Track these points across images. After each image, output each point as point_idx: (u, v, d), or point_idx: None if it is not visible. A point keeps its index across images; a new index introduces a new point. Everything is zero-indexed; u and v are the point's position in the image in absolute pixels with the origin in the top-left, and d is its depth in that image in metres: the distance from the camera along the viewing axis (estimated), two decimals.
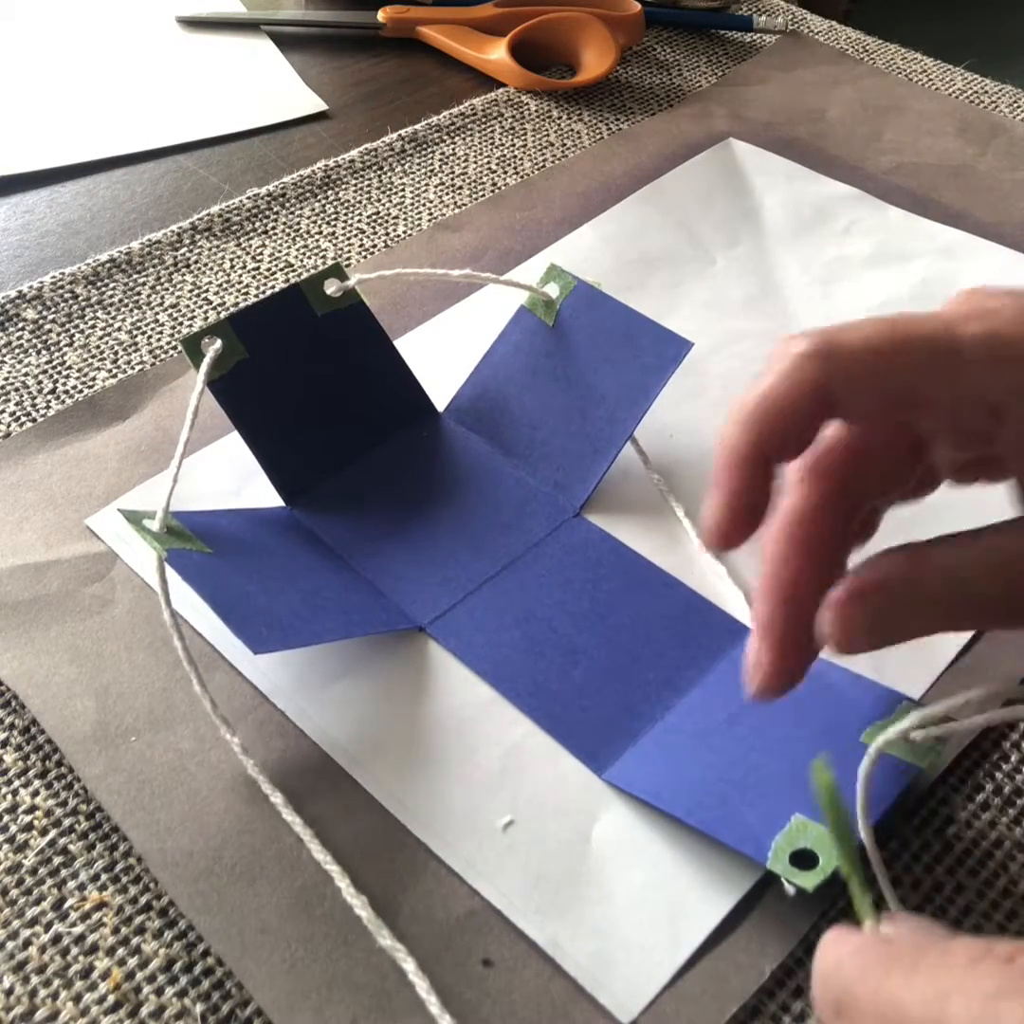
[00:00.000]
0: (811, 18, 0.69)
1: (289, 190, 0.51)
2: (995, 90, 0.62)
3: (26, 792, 0.30)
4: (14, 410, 0.40)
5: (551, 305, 0.39)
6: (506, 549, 0.35)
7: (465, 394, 0.40)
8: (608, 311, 0.38)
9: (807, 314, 0.45)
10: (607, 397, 0.37)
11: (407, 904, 0.27)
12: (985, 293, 0.24)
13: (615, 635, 0.33)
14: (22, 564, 0.35)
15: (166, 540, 0.31)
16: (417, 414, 0.39)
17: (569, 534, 0.36)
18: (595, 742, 0.30)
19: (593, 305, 0.38)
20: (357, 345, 0.38)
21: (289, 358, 0.37)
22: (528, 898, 0.27)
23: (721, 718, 0.30)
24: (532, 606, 0.34)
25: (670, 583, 0.34)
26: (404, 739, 0.31)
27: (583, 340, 0.38)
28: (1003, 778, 0.31)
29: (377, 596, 0.34)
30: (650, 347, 0.37)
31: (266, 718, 0.31)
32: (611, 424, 0.37)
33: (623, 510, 0.37)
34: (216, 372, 0.35)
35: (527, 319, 0.39)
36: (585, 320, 0.38)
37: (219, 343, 0.35)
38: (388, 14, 0.63)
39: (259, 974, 0.26)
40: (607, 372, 0.38)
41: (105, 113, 0.56)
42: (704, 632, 0.33)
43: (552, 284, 0.39)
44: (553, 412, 0.38)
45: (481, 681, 0.32)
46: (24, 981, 0.26)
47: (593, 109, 0.59)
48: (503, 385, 0.39)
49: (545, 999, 0.26)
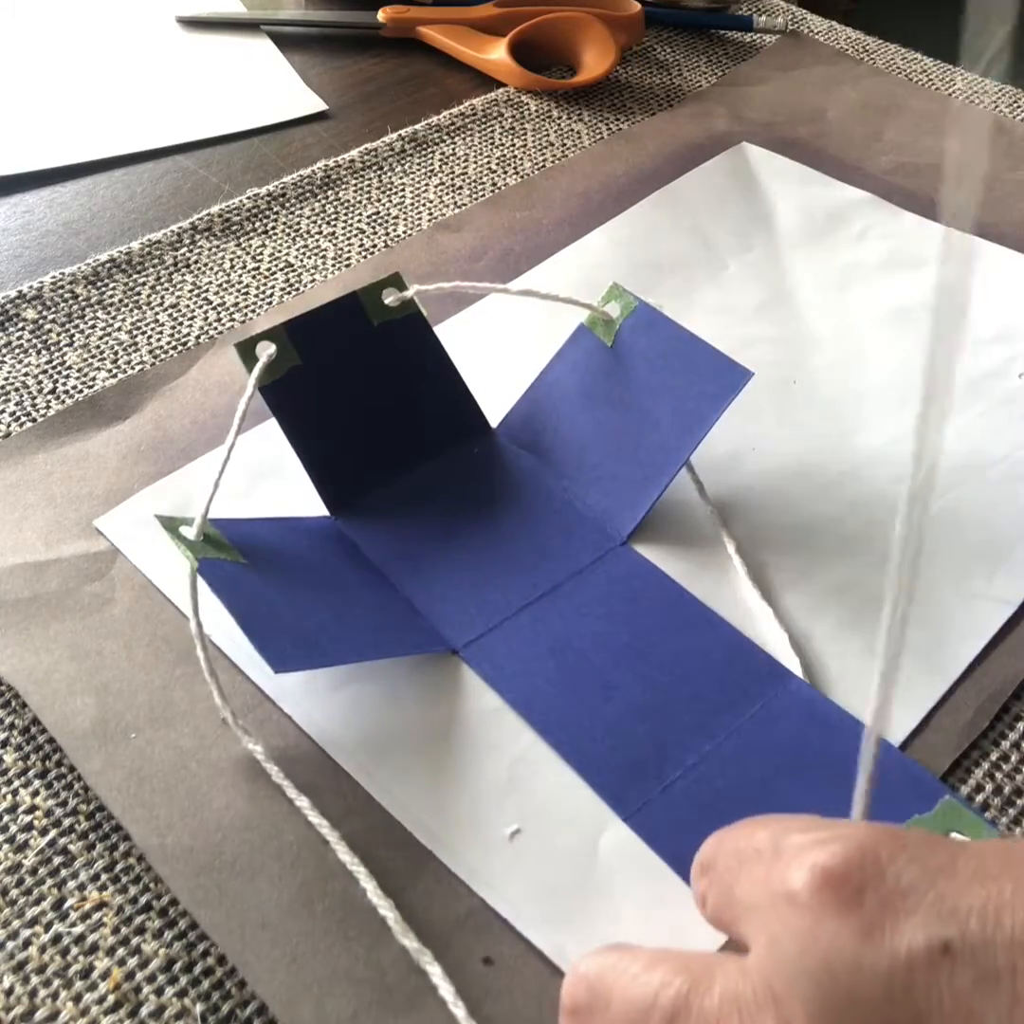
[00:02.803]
0: (811, 18, 0.69)
1: (289, 190, 0.51)
2: (995, 90, 0.62)
3: (26, 792, 0.30)
4: (14, 410, 0.40)
5: (611, 325, 0.38)
6: (548, 575, 0.34)
7: (520, 411, 0.39)
8: (669, 334, 0.37)
9: (821, 320, 0.45)
10: (662, 423, 0.36)
11: (407, 904, 0.27)
12: None
13: (652, 672, 0.32)
14: (22, 563, 0.35)
15: (200, 549, 0.31)
16: (470, 429, 0.39)
17: (614, 564, 0.35)
18: (622, 784, 0.30)
19: (653, 327, 0.37)
20: (413, 356, 0.37)
21: (343, 367, 0.36)
22: (535, 907, 0.27)
23: (755, 778, 0.30)
24: (569, 636, 0.33)
25: (714, 622, 0.33)
26: (409, 745, 0.31)
27: (641, 363, 0.37)
28: (1003, 778, 0.31)
29: (413, 616, 0.33)
30: (709, 375, 0.36)
31: (266, 717, 0.31)
32: (664, 452, 0.36)
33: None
34: (268, 377, 0.35)
35: (586, 338, 0.39)
36: (645, 343, 0.37)
37: (273, 348, 0.35)
38: (388, 14, 0.63)
39: (260, 968, 0.26)
40: (664, 398, 0.37)
41: (105, 113, 0.56)
42: (744, 675, 0.32)
43: (613, 303, 0.38)
44: (606, 435, 0.37)
45: (488, 688, 0.32)
46: (24, 981, 0.26)
47: (593, 109, 0.59)
48: (558, 404, 0.38)
49: (546, 998, 0.26)
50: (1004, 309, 0.46)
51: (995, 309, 0.46)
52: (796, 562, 0.36)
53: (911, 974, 0.18)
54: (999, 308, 0.46)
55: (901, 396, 0.42)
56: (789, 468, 0.39)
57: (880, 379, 0.43)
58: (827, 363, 0.43)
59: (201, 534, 0.32)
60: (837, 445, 0.40)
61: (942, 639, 0.33)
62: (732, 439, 0.39)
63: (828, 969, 0.18)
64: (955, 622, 0.34)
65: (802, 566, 0.35)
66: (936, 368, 0.21)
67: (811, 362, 0.43)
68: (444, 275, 0.46)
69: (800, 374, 0.43)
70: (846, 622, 0.34)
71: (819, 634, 0.33)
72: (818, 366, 0.43)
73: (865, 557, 0.36)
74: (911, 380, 0.42)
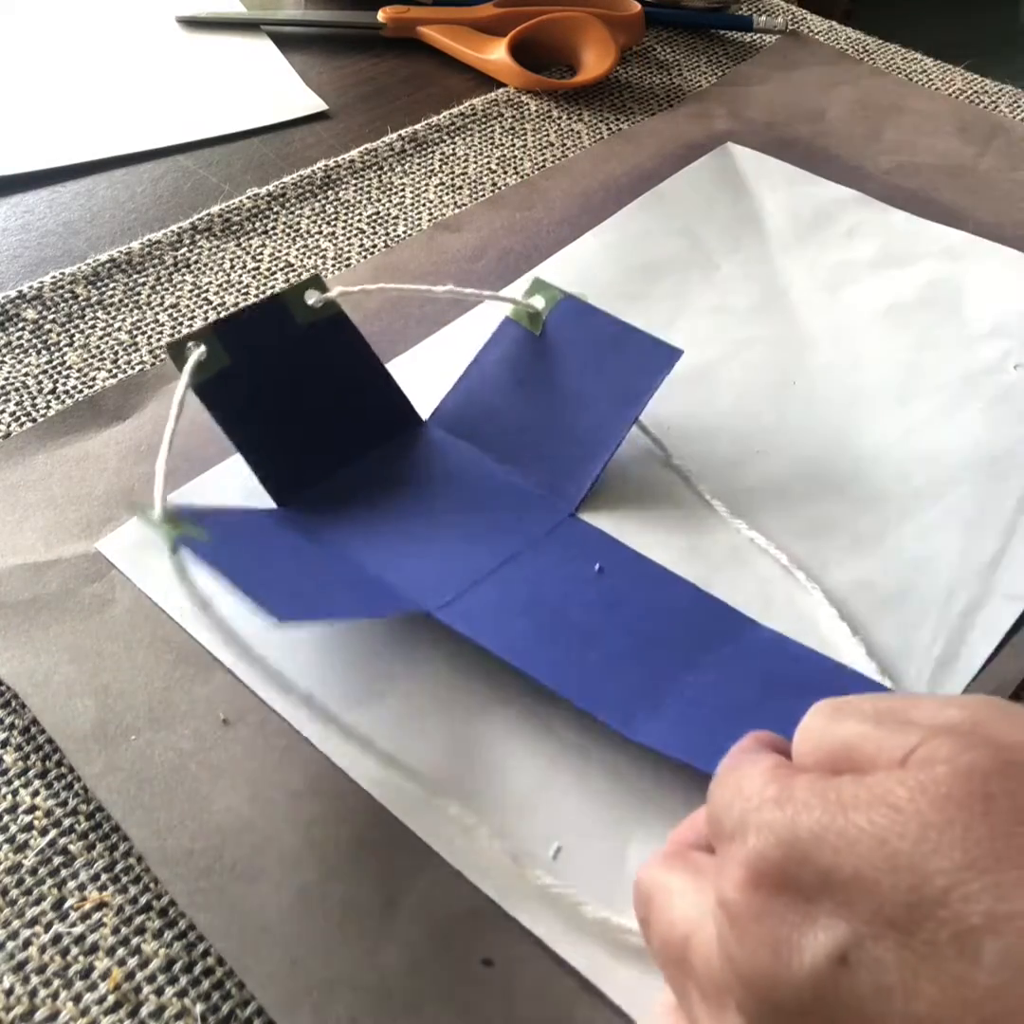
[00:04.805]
0: (811, 18, 0.69)
1: (289, 190, 0.51)
2: (995, 90, 0.62)
3: (26, 792, 0.30)
4: (14, 410, 0.40)
5: (536, 317, 0.39)
6: (505, 546, 0.35)
7: (451, 401, 0.40)
8: (596, 322, 0.39)
9: (814, 319, 0.45)
10: (599, 402, 0.38)
11: (407, 904, 0.27)
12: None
13: (627, 623, 0.33)
14: (22, 564, 0.35)
15: (173, 529, 0.31)
16: (402, 423, 0.39)
17: (567, 533, 0.36)
18: (622, 705, 0.30)
19: (580, 317, 0.39)
20: (340, 355, 0.38)
21: (272, 366, 0.37)
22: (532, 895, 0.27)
23: (739, 700, 0.31)
24: (540, 596, 0.34)
25: (672, 579, 0.35)
26: (409, 745, 0.31)
27: (570, 349, 0.39)
28: None
29: (383, 584, 0.34)
30: (640, 355, 0.38)
31: (266, 717, 0.31)
32: (603, 429, 0.37)
33: (631, 508, 0.37)
34: (201, 376, 0.35)
35: (512, 329, 0.40)
36: (573, 331, 0.39)
37: (202, 349, 0.35)
38: (388, 14, 0.63)
39: (259, 972, 0.26)
40: (596, 379, 0.38)
41: (105, 113, 0.56)
42: (713, 621, 0.33)
43: (537, 296, 0.39)
44: (543, 418, 0.38)
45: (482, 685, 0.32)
46: (24, 981, 0.26)
47: (593, 109, 0.59)
48: (489, 393, 0.39)
49: (546, 998, 0.26)
50: (999, 304, 0.46)
51: (990, 304, 0.46)
52: (806, 563, 0.35)
53: (818, 986, 0.18)
54: (994, 303, 0.46)
55: (899, 395, 0.42)
56: (793, 470, 0.39)
57: (877, 378, 0.43)
58: (825, 363, 0.43)
59: (170, 515, 0.30)
60: (840, 446, 0.40)
61: (954, 639, 0.33)
62: (735, 443, 0.39)
63: (752, 989, 0.19)
64: (966, 621, 0.34)
65: (811, 567, 0.35)
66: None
67: (809, 362, 0.43)
68: (444, 275, 0.47)
69: (800, 375, 0.43)
70: (856, 626, 0.34)
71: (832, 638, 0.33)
72: (817, 366, 0.43)
73: (874, 559, 0.36)
74: (909, 378, 0.43)
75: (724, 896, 0.20)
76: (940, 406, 0.41)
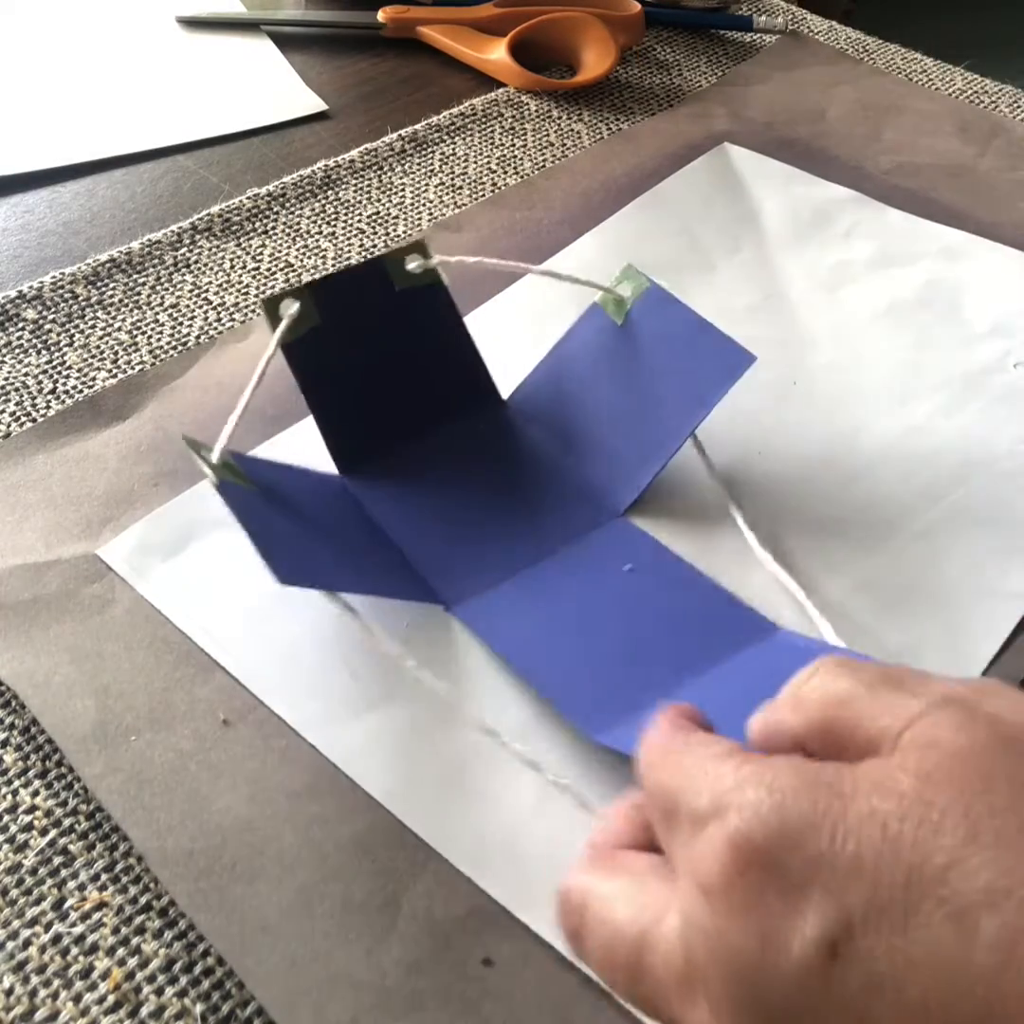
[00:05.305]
0: (811, 18, 0.69)
1: (289, 190, 0.51)
2: (995, 90, 0.62)
3: (26, 792, 0.30)
4: (14, 410, 0.40)
5: (622, 305, 0.39)
6: (544, 542, 0.35)
7: (530, 384, 0.40)
8: (678, 316, 0.38)
9: (814, 319, 0.45)
10: (666, 403, 0.37)
11: (407, 904, 0.27)
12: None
13: (636, 625, 0.33)
14: (22, 564, 0.35)
15: (221, 472, 0.32)
16: (482, 399, 0.40)
17: (610, 534, 0.36)
18: (592, 707, 0.30)
19: (664, 308, 0.38)
20: (431, 324, 0.38)
21: (362, 331, 0.37)
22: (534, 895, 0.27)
23: (735, 708, 0.30)
24: (560, 599, 0.34)
25: (699, 580, 0.34)
26: (408, 743, 0.31)
27: (649, 343, 0.38)
28: None
29: (409, 569, 0.34)
30: (713, 357, 0.37)
31: (266, 718, 0.31)
32: (666, 431, 0.37)
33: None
34: (290, 335, 0.35)
35: (598, 317, 0.39)
36: (654, 323, 0.38)
37: (297, 306, 0.35)
38: (388, 14, 0.63)
39: (259, 972, 0.26)
40: (669, 378, 0.37)
41: (105, 113, 0.56)
42: (728, 626, 0.33)
43: (625, 284, 0.39)
44: (611, 413, 0.38)
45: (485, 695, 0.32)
46: (24, 981, 0.26)
47: (593, 109, 0.59)
48: (568, 380, 0.39)
49: (546, 999, 0.26)
50: (999, 304, 0.46)
51: (990, 304, 0.46)
52: (810, 566, 0.35)
53: (806, 979, 0.18)
54: (994, 303, 0.46)
55: (899, 395, 0.42)
56: (796, 471, 0.39)
57: (877, 378, 0.43)
58: (825, 363, 0.43)
59: (221, 460, 0.32)
60: (842, 446, 0.40)
61: (959, 638, 0.33)
62: (737, 443, 0.39)
63: (732, 982, 0.19)
64: (971, 621, 0.34)
65: (815, 570, 0.35)
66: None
67: (809, 362, 0.43)
68: (444, 275, 0.46)
69: (800, 375, 0.43)
70: (861, 625, 0.34)
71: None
72: (816, 366, 0.43)
73: (876, 559, 0.36)
74: (909, 378, 0.43)
75: (702, 880, 0.19)
76: (940, 406, 0.41)
